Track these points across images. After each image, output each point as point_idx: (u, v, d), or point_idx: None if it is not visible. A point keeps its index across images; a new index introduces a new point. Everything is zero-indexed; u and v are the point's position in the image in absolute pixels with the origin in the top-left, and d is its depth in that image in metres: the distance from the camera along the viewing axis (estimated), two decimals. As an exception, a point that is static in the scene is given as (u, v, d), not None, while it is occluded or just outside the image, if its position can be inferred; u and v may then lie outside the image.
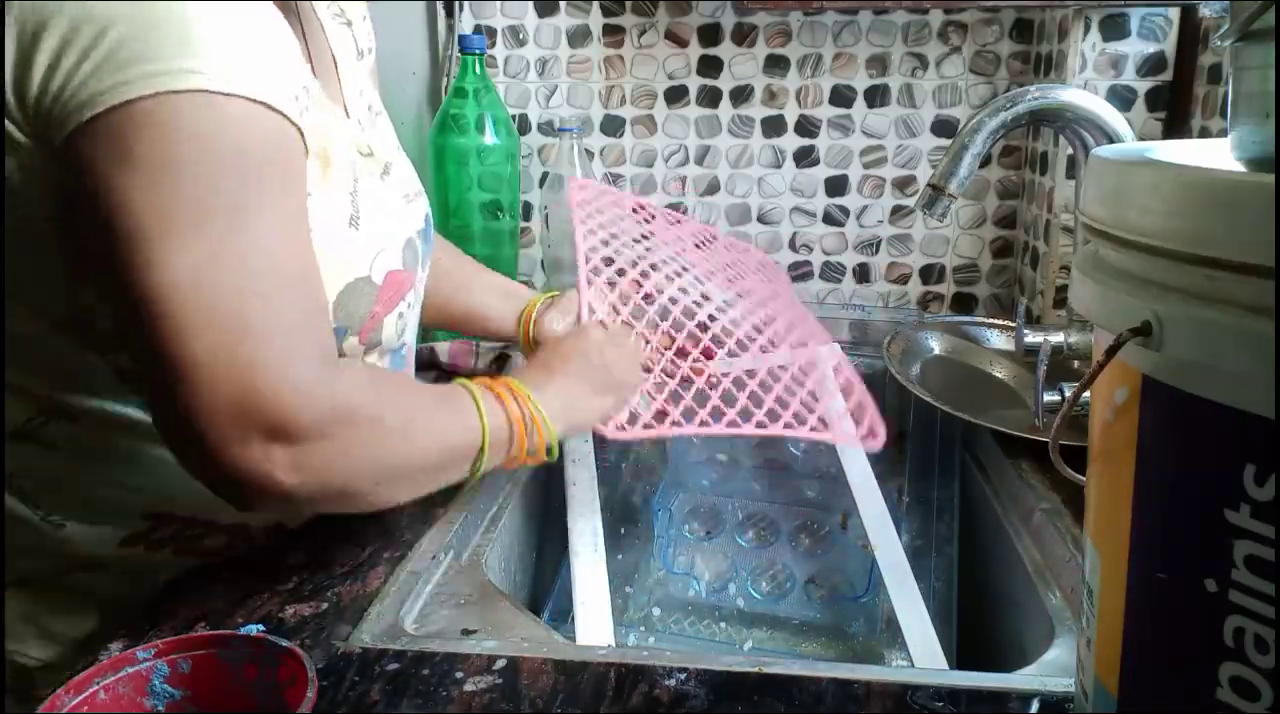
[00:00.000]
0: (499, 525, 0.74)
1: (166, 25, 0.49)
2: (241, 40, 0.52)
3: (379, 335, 0.65)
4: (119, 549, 0.63)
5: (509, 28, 1.27)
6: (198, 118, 0.50)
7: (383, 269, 0.64)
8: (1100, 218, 0.33)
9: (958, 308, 1.29)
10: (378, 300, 0.63)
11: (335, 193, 0.61)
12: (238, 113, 0.51)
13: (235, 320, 0.50)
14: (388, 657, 0.52)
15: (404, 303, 0.67)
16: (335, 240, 0.60)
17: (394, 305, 0.66)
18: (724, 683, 0.50)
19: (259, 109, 0.51)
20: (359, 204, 0.63)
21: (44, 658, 0.64)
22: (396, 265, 0.66)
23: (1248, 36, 0.33)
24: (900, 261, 1.29)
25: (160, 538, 0.63)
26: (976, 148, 0.78)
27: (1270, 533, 0.27)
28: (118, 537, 0.62)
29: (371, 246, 0.63)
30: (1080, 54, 1.06)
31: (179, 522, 0.63)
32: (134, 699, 0.43)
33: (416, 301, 0.71)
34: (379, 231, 0.64)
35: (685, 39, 1.25)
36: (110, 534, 0.62)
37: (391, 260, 0.65)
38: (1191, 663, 0.30)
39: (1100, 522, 0.35)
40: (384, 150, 0.71)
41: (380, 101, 0.77)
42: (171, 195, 0.49)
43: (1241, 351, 0.27)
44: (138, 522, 0.62)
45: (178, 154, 0.49)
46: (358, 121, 0.69)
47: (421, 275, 0.72)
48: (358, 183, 0.64)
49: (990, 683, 0.50)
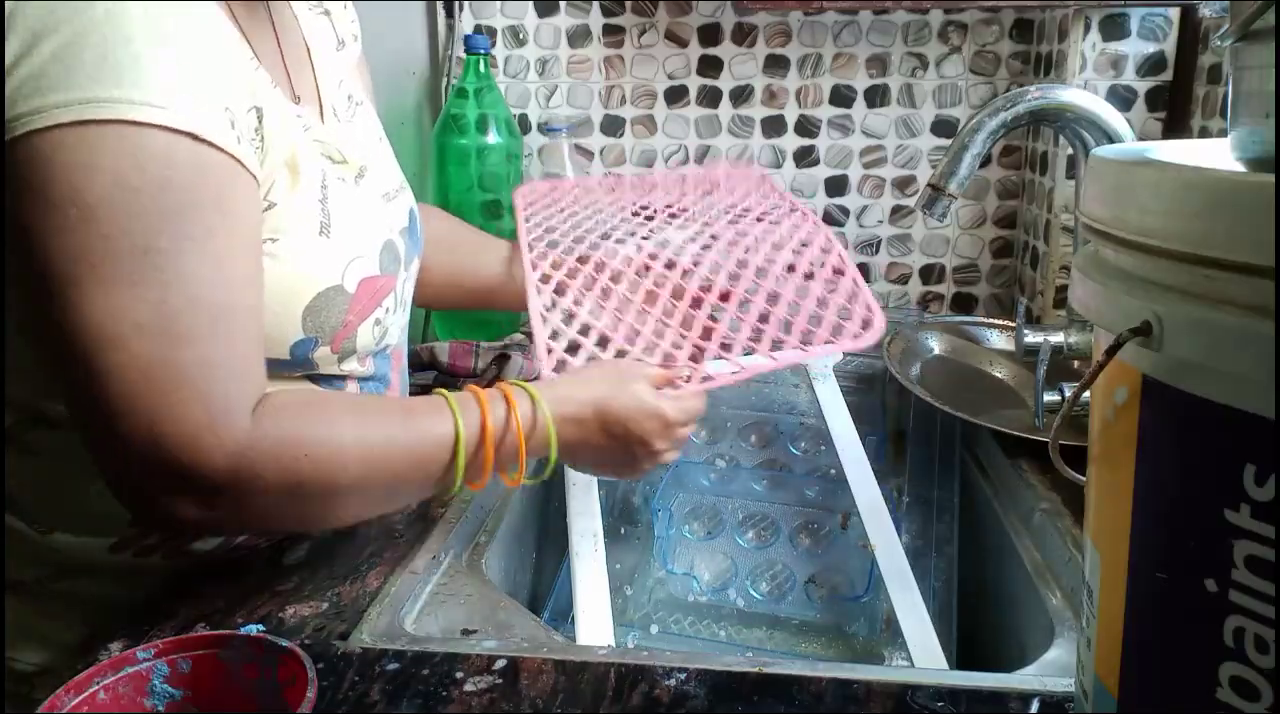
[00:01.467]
0: (499, 525, 0.74)
1: (98, 45, 0.47)
2: (175, 65, 0.49)
3: (353, 343, 0.63)
4: (108, 555, 0.62)
5: (509, 28, 1.27)
6: (117, 151, 0.48)
7: (356, 277, 0.62)
8: (1100, 218, 0.33)
9: (958, 308, 1.29)
10: (351, 309, 0.62)
11: (304, 201, 0.60)
12: (161, 147, 0.49)
13: (145, 370, 0.49)
14: (388, 657, 0.52)
15: (381, 309, 0.66)
16: (305, 250, 0.59)
17: (369, 312, 0.64)
18: (724, 683, 0.50)
19: (186, 141, 0.49)
20: (329, 211, 0.61)
21: (39, 663, 0.64)
22: (373, 271, 0.64)
23: (1248, 36, 0.33)
24: (900, 261, 1.29)
25: (149, 544, 0.63)
26: (976, 148, 0.78)
27: (1270, 533, 0.27)
28: (106, 543, 0.62)
29: (344, 254, 0.62)
30: (1080, 54, 1.06)
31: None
32: (134, 699, 0.43)
33: (398, 306, 0.69)
34: (352, 239, 0.63)
35: (685, 39, 1.25)
36: (98, 540, 0.62)
37: (367, 267, 0.64)
38: (1191, 663, 0.30)
39: (1100, 522, 0.35)
40: (361, 148, 0.69)
41: (363, 91, 0.76)
42: (85, 236, 0.48)
43: (1241, 351, 0.27)
44: (124, 528, 0.62)
45: (93, 192, 0.47)
46: (334, 113, 0.68)
47: (405, 276, 0.71)
48: (327, 189, 0.62)
49: (990, 683, 0.50)
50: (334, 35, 0.73)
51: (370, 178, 0.69)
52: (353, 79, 0.75)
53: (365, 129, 0.73)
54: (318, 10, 0.72)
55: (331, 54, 0.71)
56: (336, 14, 0.74)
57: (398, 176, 0.75)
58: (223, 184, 0.52)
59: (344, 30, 0.75)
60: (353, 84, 0.74)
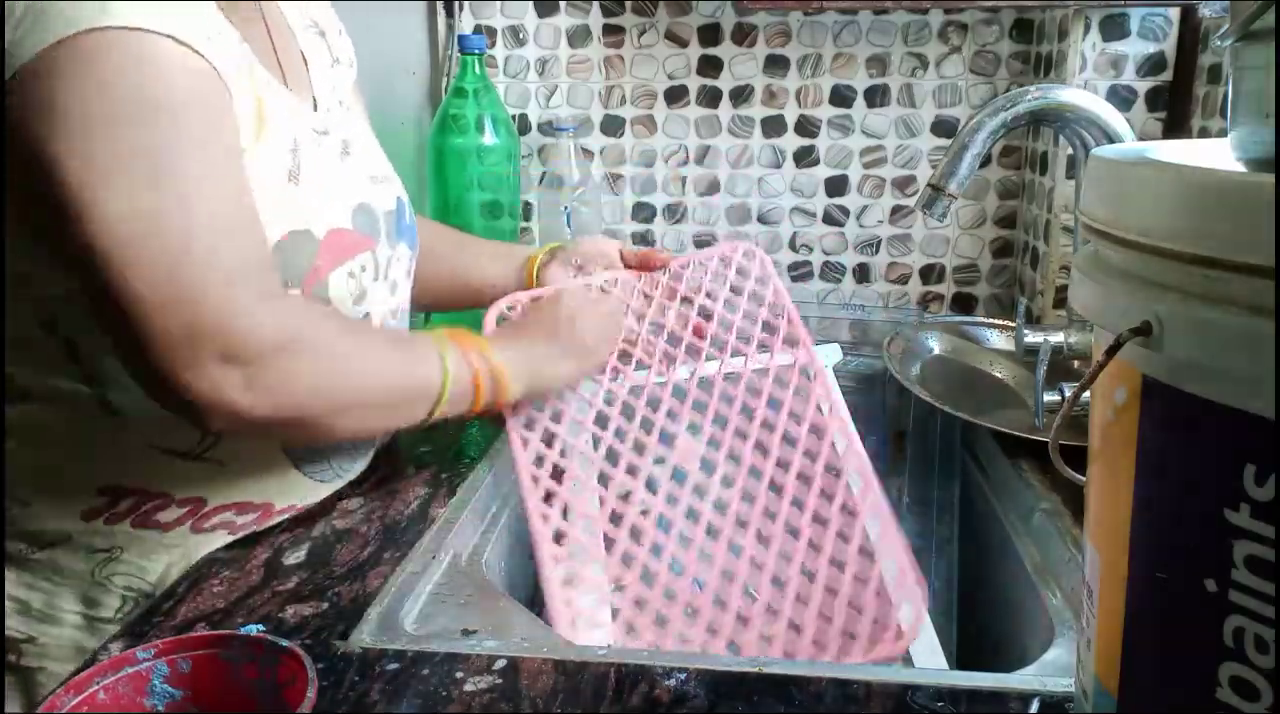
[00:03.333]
0: (499, 525, 0.74)
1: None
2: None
3: (325, 291, 0.65)
4: (80, 524, 0.64)
5: (509, 28, 1.27)
6: (109, 58, 0.52)
7: (325, 226, 0.64)
8: (1100, 218, 0.33)
9: (958, 308, 1.29)
10: (320, 254, 0.64)
11: (271, 151, 0.62)
12: (148, 49, 0.53)
13: (176, 255, 0.53)
14: (388, 657, 0.52)
15: (354, 263, 0.67)
16: (271, 194, 0.61)
17: (339, 262, 0.65)
18: (724, 683, 0.50)
19: (169, 43, 0.53)
20: (300, 162, 0.63)
21: (25, 632, 0.66)
22: (344, 224, 0.66)
23: (1248, 36, 0.33)
24: (900, 261, 1.29)
25: (117, 512, 0.64)
26: (976, 148, 0.78)
27: (1270, 533, 0.27)
28: (76, 512, 0.64)
29: (312, 202, 0.64)
30: (1080, 54, 1.06)
31: (131, 495, 0.64)
32: (134, 699, 0.43)
33: (380, 276, 0.70)
34: (322, 191, 0.65)
35: (685, 39, 1.25)
36: (70, 510, 0.64)
37: (337, 219, 0.66)
38: (1191, 663, 0.30)
39: (1100, 522, 0.35)
40: (347, 134, 0.71)
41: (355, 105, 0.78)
42: (96, 143, 0.51)
43: (1241, 352, 0.27)
44: (92, 497, 0.64)
45: (94, 100, 0.51)
46: (327, 109, 0.70)
47: (390, 251, 0.72)
48: (299, 143, 0.64)
49: (990, 683, 0.50)
50: (329, 53, 0.75)
51: (356, 157, 0.71)
52: (348, 93, 0.77)
53: (355, 126, 0.75)
54: (314, 30, 0.74)
55: (327, 68, 0.73)
56: (331, 36, 0.76)
57: (388, 169, 0.77)
58: (210, 91, 0.56)
59: (340, 52, 0.77)
60: (346, 96, 0.76)
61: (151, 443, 0.63)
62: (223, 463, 0.65)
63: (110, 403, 0.62)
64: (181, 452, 0.64)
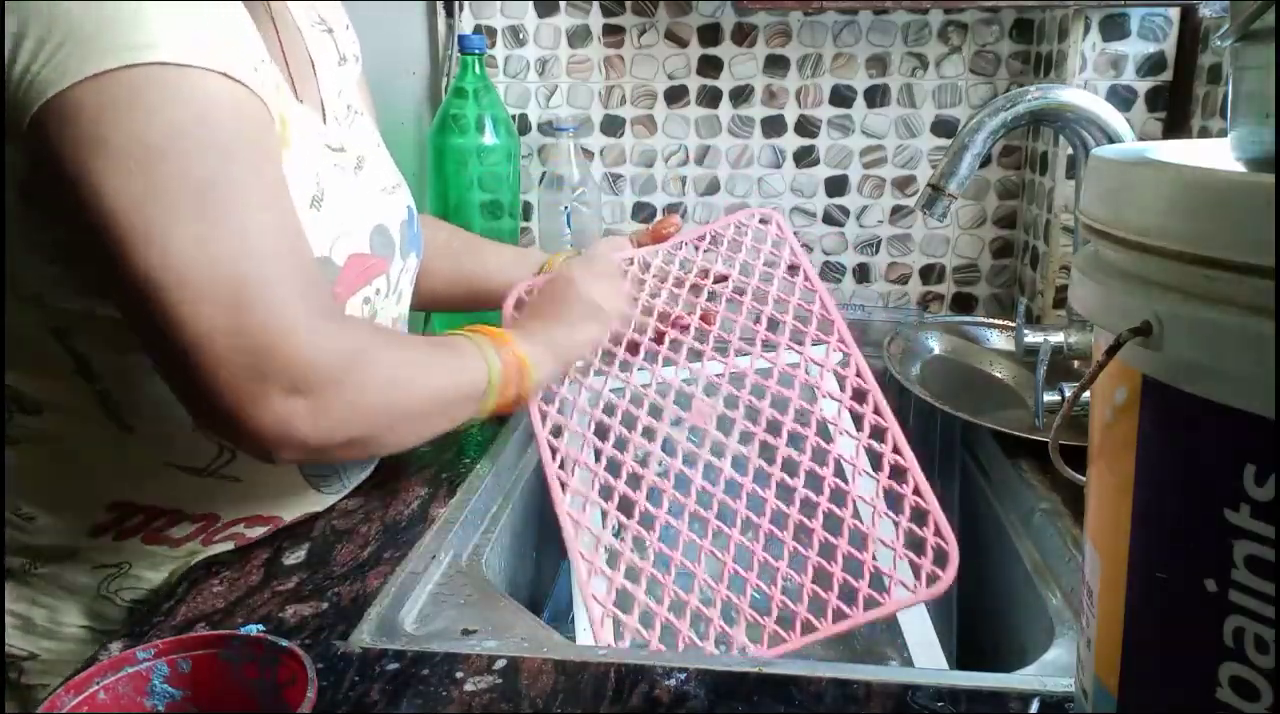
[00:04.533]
0: (499, 525, 0.74)
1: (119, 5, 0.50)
2: (195, 15, 0.52)
3: None
4: (87, 539, 0.63)
5: (509, 28, 1.27)
6: (161, 93, 0.50)
7: (345, 252, 0.64)
8: (1100, 218, 0.33)
9: (958, 308, 1.29)
10: (339, 281, 0.63)
11: (296, 172, 0.61)
12: (199, 86, 0.52)
13: (236, 286, 0.52)
14: (388, 657, 0.52)
15: (370, 288, 0.67)
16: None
17: (357, 288, 0.66)
18: (724, 683, 0.50)
19: (219, 79, 0.52)
20: (323, 188, 0.63)
21: (26, 649, 0.65)
22: (363, 249, 0.66)
23: (1248, 36, 0.33)
24: (900, 261, 1.29)
25: (128, 527, 0.64)
26: (976, 148, 0.78)
27: (1270, 533, 0.27)
28: (85, 527, 0.63)
29: (333, 229, 0.63)
30: (1080, 54, 1.06)
31: (143, 511, 0.64)
32: (134, 699, 0.43)
33: (391, 291, 0.71)
34: (343, 216, 0.65)
35: (685, 39, 1.25)
36: (77, 525, 0.63)
37: (356, 244, 0.65)
38: (1191, 663, 0.30)
39: (1100, 522, 0.35)
40: (359, 146, 0.71)
41: (361, 102, 0.77)
42: (149, 178, 0.50)
43: (1241, 352, 0.27)
44: (102, 512, 0.63)
45: (146, 134, 0.50)
46: (335, 119, 0.70)
47: (401, 265, 0.72)
48: (320, 168, 0.64)
49: (990, 683, 0.50)
50: (336, 51, 0.74)
51: (369, 170, 0.71)
52: (353, 92, 0.76)
53: (364, 135, 0.74)
54: (322, 28, 0.74)
55: (334, 67, 0.73)
56: (339, 33, 0.76)
57: (396, 176, 0.76)
58: (260, 121, 0.56)
59: (346, 49, 0.76)
60: (353, 96, 0.76)
61: (166, 460, 0.63)
62: (238, 479, 0.64)
63: (124, 420, 0.61)
64: (197, 468, 0.63)
